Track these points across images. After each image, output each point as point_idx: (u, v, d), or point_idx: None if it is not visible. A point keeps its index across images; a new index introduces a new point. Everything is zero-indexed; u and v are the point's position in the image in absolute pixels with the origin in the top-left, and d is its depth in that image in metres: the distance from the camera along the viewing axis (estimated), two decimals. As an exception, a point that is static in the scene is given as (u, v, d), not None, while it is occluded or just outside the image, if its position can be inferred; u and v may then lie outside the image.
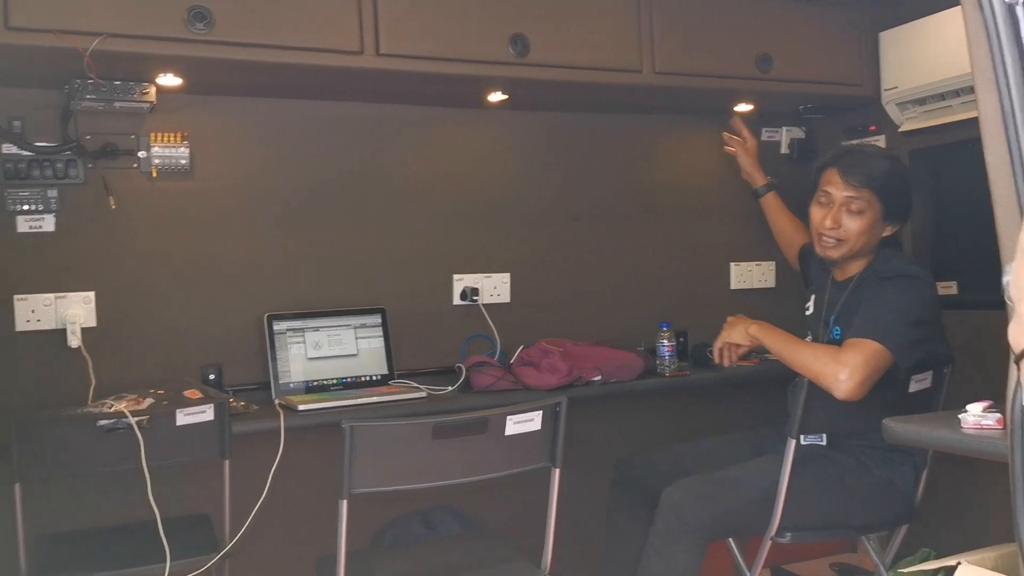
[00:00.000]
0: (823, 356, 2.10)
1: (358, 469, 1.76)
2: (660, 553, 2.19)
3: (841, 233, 2.26)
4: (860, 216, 2.25)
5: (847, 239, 2.26)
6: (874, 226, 2.26)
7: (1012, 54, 1.30)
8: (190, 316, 2.62)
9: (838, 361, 2.05)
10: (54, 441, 2.11)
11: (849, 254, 2.29)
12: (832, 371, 2.04)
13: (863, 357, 2.05)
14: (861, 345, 2.06)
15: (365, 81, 2.53)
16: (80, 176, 2.48)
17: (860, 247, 2.28)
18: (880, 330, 2.08)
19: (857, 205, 2.25)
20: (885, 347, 2.06)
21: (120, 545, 2.30)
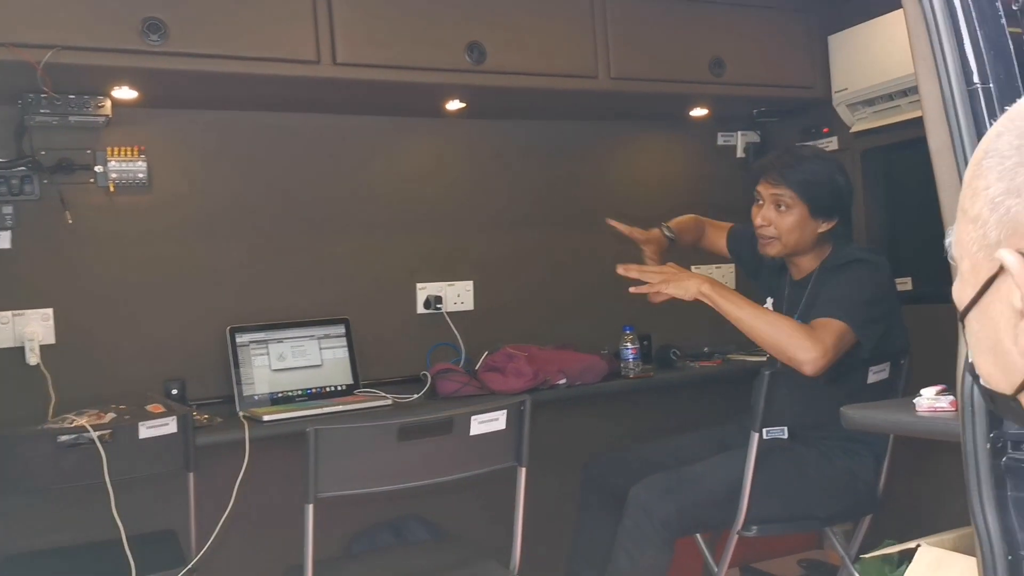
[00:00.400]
0: (793, 330, 2.10)
1: (324, 473, 1.76)
2: (629, 550, 2.20)
3: (771, 231, 2.31)
4: (788, 212, 2.29)
5: (779, 235, 2.30)
6: (804, 222, 2.29)
7: (950, 43, 1.35)
8: (151, 331, 2.60)
9: (812, 338, 2.07)
10: (14, 458, 2.08)
11: (786, 251, 2.33)
12: (807, 346, 2.05)
13: (832, 336, 2.08)
14: (829, 324, 2.10)
15: (323, 91, 2.54)
16: (36, 192, 2.45)
17: (794, 242, 2.31)
18: (842, 310, 2.12)
19: (782, 201, 2.29)
20: (848, 326, 2.10)
21: (84, 564, 2.27)
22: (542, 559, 2.64)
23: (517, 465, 1.99)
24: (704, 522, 2.28)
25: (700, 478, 2.25)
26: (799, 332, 2.09)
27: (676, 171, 3.38)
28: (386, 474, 1.83)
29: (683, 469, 2.30)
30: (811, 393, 2.22)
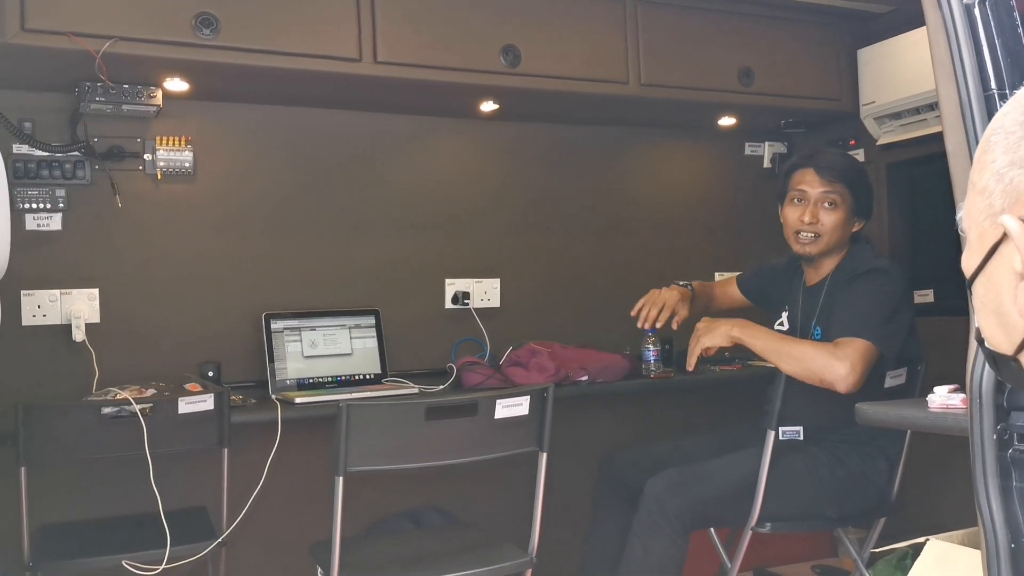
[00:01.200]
0: (821, 352, 2.17)
1: (353, 448, 1.84)
2: (643, 541, 2.26)
3: (819, 228, 2.36)
4: (834, 210, 2.36)
5: (824, 233, 2.37)
6: (847, 220, 2.38)
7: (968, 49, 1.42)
8: (190, 314, 2.71)
9: (838, 356, 2.12)
10: (59, 427, 2.18)
11: (826, 248, 2.39)
12: (836, 366, 2.11)
13: (859, 352, 2.13)
14: (854, 343, 2.15)
15: (363, 89, 2.64)
16: (87, 177, 2.57)
17: (835, 241, 2.38)
18: (865, 327, 2.17)
19: (831, 199, 2.36)
20: (871, 343, 2.15)
21: (121, 533, 2.36)
22: (557, 551, 2.70)
23: (538, 450, 2.06)
24: (717, 517, 2.34)
25: (714, 474, 2.31)
26: (827, 355, 2.14)
27: (703, 180, 3.45)
28: (413, 453, 1.91)
29: (698, 465, 2.35)
30: (827, 396, 2.27)
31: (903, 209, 3.20)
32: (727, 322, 2.34)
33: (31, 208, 2.51)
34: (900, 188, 3.19)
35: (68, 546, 2.30)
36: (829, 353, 2.15)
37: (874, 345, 2.16)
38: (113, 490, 2.51)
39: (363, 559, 2.09)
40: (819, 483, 2.32)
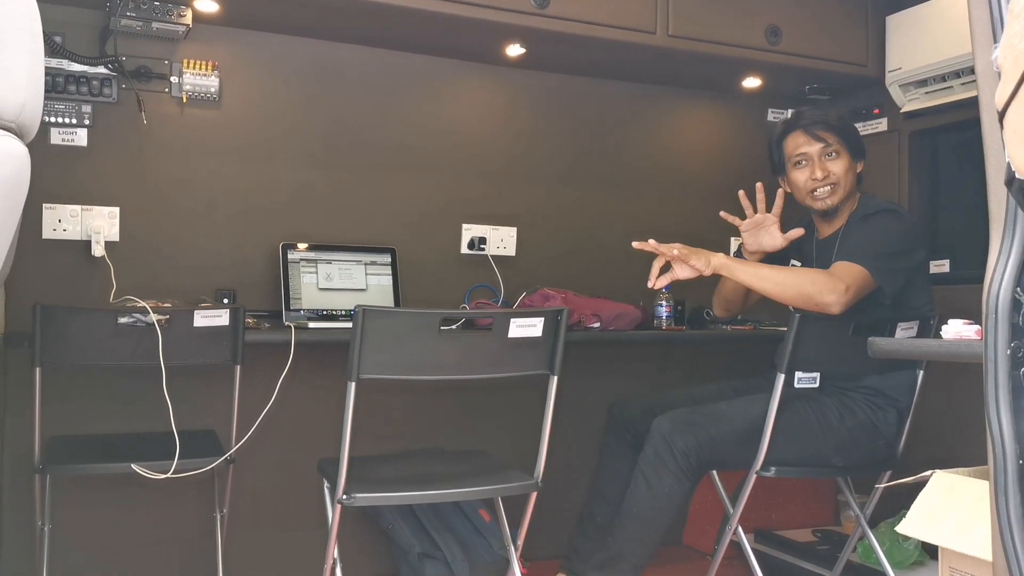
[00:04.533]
0: (813, 275, 2.22)
1: (367, 355, 1.85)
2: (648, 477, 2.27)
3: (832, 178, 2.42)
4: (838, 158, 2.44)
5: (838, 181, 2.42)
6: (851, 163, 2.46)
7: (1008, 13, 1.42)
8: (209, 240, 2.72)
9: (831, 278, 2.17)
10: (75, 331, 2.19)
11: (844, 195, 2.43)
12: (828, 286, 2.15)
13: (851, 276, 2.17)
14: (847, 266, 2.19)
15: (390, 24, 2.64)
16: (114, 95, 2.59)
17: (849, 185, 2.45)
18: (863, 256, 2.22)
19: (831, 150, 2.44)
20: (866, 270, 2.18)
21: (131, 444, 2.38)
22: (563, 489, 2.72)
23: (549, 373, 2.07)
24: (723, 458, 2.34)
25: (723, 415, 2.32)
26: (819, 276, 2.20)
27: (724, 142, 3.45)
28: (426, 364, 1.92)
29: (707, 406, 2.36)
30: (839, 343, 2.27)
31: (923, 178, 3.19)
32: (708, 252, 2.34)
33: (56, 122, 2.53)
34: (921, 157, 3.18)
35: (78, 452, 2.32)
36: (824, 277, 2.19)
37: (869, 273, 2.19)
38: (125, 407, 2.54)
39: (368, 475, 2.10)
40: (827, 430, 2.32)
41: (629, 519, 2.29)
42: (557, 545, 2.73)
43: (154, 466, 2.23)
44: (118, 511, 2.56)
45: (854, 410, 2.36)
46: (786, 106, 3.50)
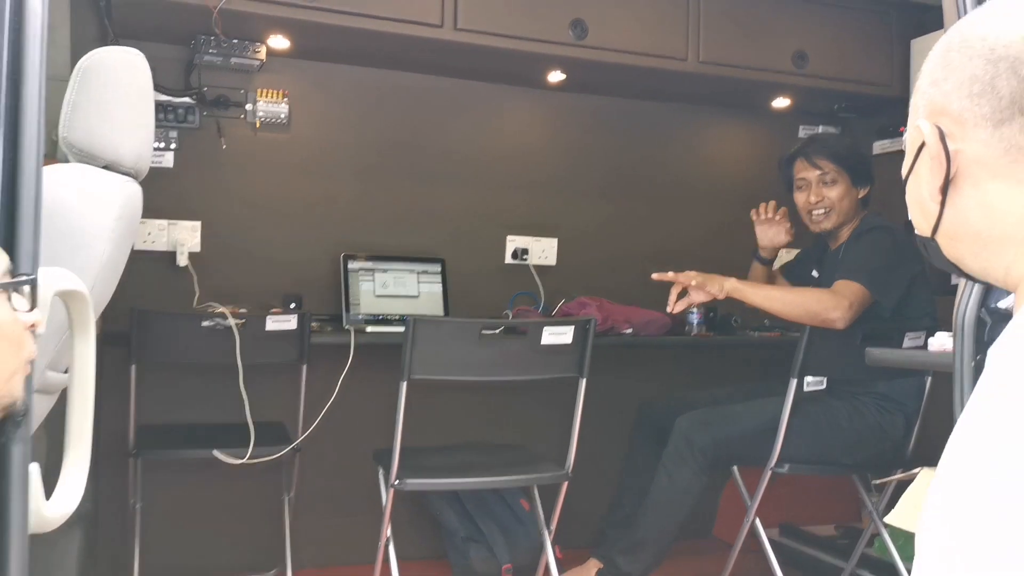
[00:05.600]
0: (816, 295, 2.44)
1: (417, 358, 2.12)
2: (669, 471, 2.51)
3: (825, 203, 2.64)
4: (835, 185, 2.65)
5: (832, 206, 2.65)
6: (849, 190, 2.66)
7: None
8: (279, 250, 3.02)
9: (833, 296, 2.39)
10: (165, 332, 2.52)
11: (839, 219, 2.65)
12: (832, 303, 2.38)
13: (853, 292, 2.39)
14: (847, 284, 2.41)
15: (443, 53, 2.91)
16: (196, 121, 2.91)
17: (846, 209, 2.66)
18: (860, 272, 2.43)
19: (829, 176, 2.65)
20: (863, 286, 2.39)
21: (211, 433, 2.68)
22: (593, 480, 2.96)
23: (578, 376, 2.31)
24: (739, 455, 2.56)
25: (739, 415, 2.54)
26: (823, 295, 2.43)
27: (755, 158, 3.63)
28: (468, 366, 2.19)
29: (725, 407, 2.59)
30: (849, 352, 2.47)
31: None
32: (721, 277, 2.59)
33: (148, 146, 2.85)
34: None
35: (166, 439, 2.64)
36: (827, 295, 2.40)
37: (865, 287, 2.41)
38: (206, 399, 2.83)
39: (418, 464, 2.37)
40: (837, 431, 2.52)
41: (652, 509, 2.53)
42: (590, 532, 2.96)
43: (232, 452, 2.54)
44: (199, 491, 2.87)
45: (863, 413, 2.55)
46: (817, 123, 3.68)
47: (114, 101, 1.47)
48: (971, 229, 0.86)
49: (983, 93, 0.81)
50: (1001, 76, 0.80)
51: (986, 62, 0.81)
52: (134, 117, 1.52)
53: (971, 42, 0.83)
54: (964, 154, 0.84)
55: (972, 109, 0.82)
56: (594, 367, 2.45)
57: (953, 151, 0.84)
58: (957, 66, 0.84)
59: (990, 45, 0.81)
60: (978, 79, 0.82)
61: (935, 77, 0.87)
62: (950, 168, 0.85)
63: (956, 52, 0.85)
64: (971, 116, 0.82)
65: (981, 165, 0.83)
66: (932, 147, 0.86)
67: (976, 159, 0.83)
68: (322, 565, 2.96)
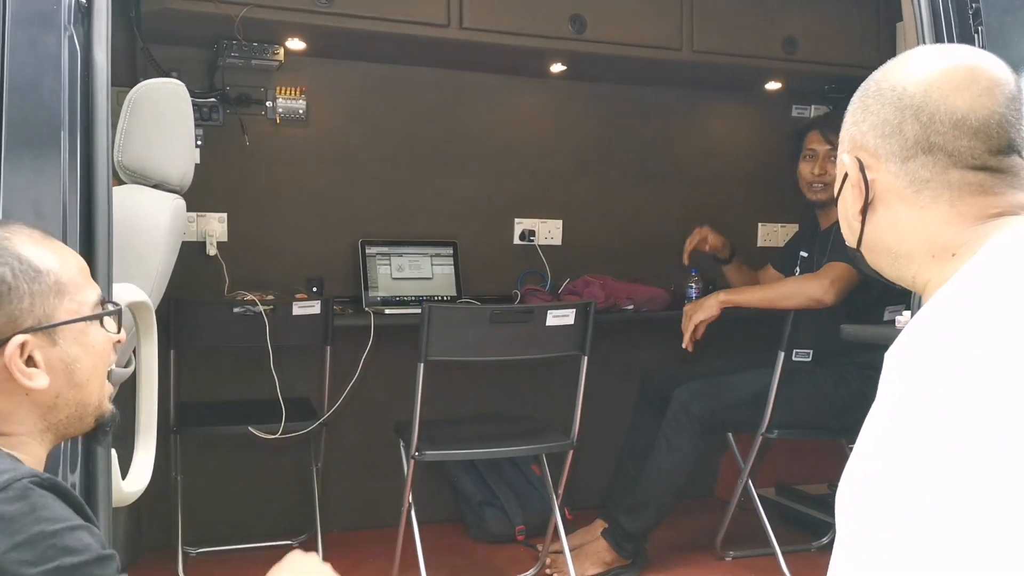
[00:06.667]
0: (800, 281, 2.65)
1: (433, 341, 2.33)
2: (668, 438, 2.73)
3: (827, 178, 2.79)
4: None
5: (832, 182, 2.77)
6: None
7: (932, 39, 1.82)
8: (301, 238, 3.22)
9: (815, 278, 2.58)
10: (200, 319, 2.74)
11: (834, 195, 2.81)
12: (814, 285, 2.58)
13: (833, 272, 2.59)
14: (831, 265, 2.59)
15: (450, 50, 3.08)
16: (220, 119, 3.10)
17: None
18: (842, 252, 2.58)
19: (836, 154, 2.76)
20: (845, 264, 2.57)
21: (245, 410, 2.90)
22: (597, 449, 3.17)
23: (581, 354, 2.51)
24: (733, 422, 2.77)
25: (733, 385, 2.75)
26: (803, 280, 2.64)
27: (751, 137, 3.80)
28: (480, 347, 2.39)
29: (720, 377, 2.79)
30: (833, 326, 2.66)
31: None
32: (711, 295, 2.82)
33: (176, 144, 3.05)
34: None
35: (204, 416, 2.87)
36: (808, 279, 2.60)
37: (849, 266, 2.59)
38: (239, 379, 3.04)
39: (436, 436, 2.59)
40: (823, 398, 2.73)
41: (653, 473, 2.75)
42: (597, 495, 3.18)
43: (265, 428, 2.77)
44: (234, 463, 3.10)
45: (847, 381, 2.75)
46: (809, 102, 3.83)
47: (161, 127, 1.67)
48: (885, 244, 1.05)
49: (892, 134, 1.00)
50: (907, 121, 0.99)
51: (895, 109, 1.00)
52: (179, 140, 1.72)
53: (883, 91, 1.02)
54: (879, 182, 1.03)
55: (884, 147, 1.01)
56: (598, 342, 2.66)
57: (871, 179, 1.03)
58: (873, 110, 1.02)
59: (898, 95, 1.00)
60: (888, 123, 1.00)
61: (856, 118, 1.06)
62: (868, 193, 1.04)
63: (872, 99, 1.03)
64: (883, 152, 1.01)
65: (892, 192, 1.02)
66: (853, 176, 1.05)
67: (888, 187, 1.02)
68: (349, 529, 3.19)
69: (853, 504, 0.88)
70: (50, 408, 1.02)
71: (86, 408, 1.06)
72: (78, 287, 1.05)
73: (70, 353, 1.02)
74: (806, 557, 2.94)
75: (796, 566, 2.75)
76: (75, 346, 1.03)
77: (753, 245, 3.85)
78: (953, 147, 0.96)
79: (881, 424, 0.89)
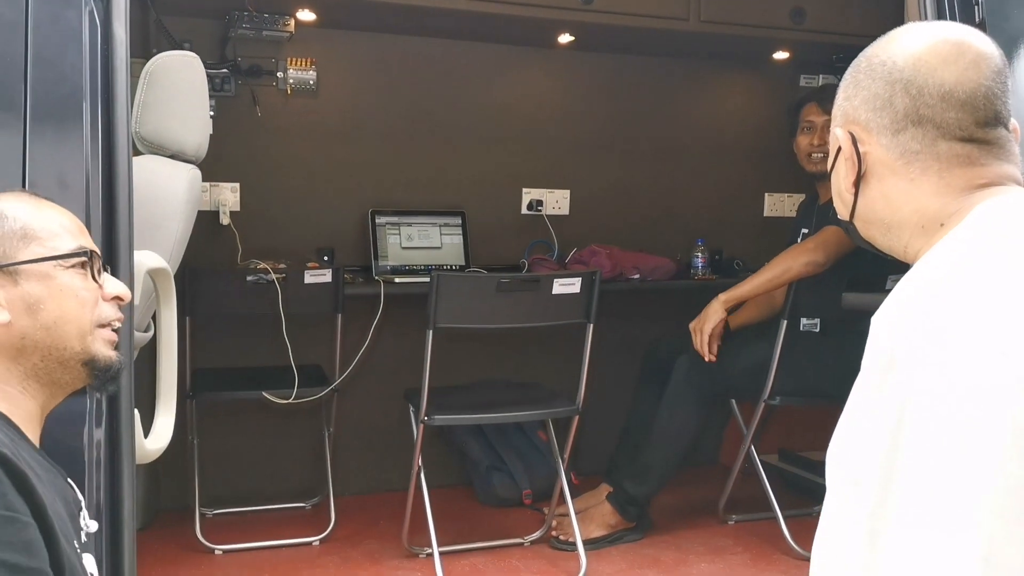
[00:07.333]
0: (793, 251, 2.68)
1: (441, 309, 2.38)
2: (671, 406, 2.79)
3: (826, 148, 2.79)
4: None
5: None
6: None
7: None
8: (312, 207, 3.27)
9: (804, 246, 2.63)
10: (215, 287, 2.80)
11: None
12: (799, 252, 2.62)
13: (824, 236, 2.63)
14: (823, 231, 2.63)
15: (459, 21, 3.11)
16: (232, 90, 3.14)
17: None
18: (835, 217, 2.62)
19: None
20: (838, 228, 2.60)
21: (259, 376, 2.97)
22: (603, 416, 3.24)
23: (586, 322, 2.57)
24: (735, 390, 2.83)
25: (734, 355, 2.79)
26: (794, 250, 2.68)
27: (758, 108, 3.81)
28: (487, 315, 2.45)
29: (723, 345, 2.83)
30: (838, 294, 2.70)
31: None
32: (712, 301, 2.82)
33: (189, 115, 3.09)
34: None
35: (218, 382, 2.94)
36: (800, 248, 2.63)
37: (841, 230, 2.61)
38: (252, 346, 3.11)
39: (445, 401, 2.66)
40: (824, 367, 2.76)
41: (656, 440, 2.81)
42: (603, 460, 3.24)
43: (278, 394, 2.84)
44: (248, 428, 3.18)
45: (850, 348, 2.76)
46: (817, 72, 3.84)
47: (177, 99, 1.72)
48: (877, 216, 1.09)
49: (883, 108, 1.03)
50: (897, 95, 1.02)
51: (885, 83, 1.03)
52: (194, 111, 1.76)
53: (874, 66, 1.05)
54: (871, 155, 1.06)
55: (875, 120, 1.04)
56: (605, 311, 2.71)
57: (863, 152, 1.07)
58: (864, 85, 1.06)
59: (888, 69, 1.03)
60: (879, 96, 1.04)
61: (848, 93, 1.10)
62: (860, 166, 1.08)
63: (863, 74, 1.07)
64: (875, 125, 1.04)
65: (883, 165, 1.05)
66: (846, 149, 1.09)
67: (879, 160, 1.06)
68: (360, 492, 3.27)
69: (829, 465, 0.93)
70: (19, 351, 1.05)
71: (62, 353, 1.07)
72: (51, 235, 1.08)
73: (32, 293, 1.05)
74: (807, 521, 3.00)
75: (797, 530, 2.81)
76: (39, 287, 1.05)
77: (760, 215, 3.89)
78: (941, 119, 1.00)
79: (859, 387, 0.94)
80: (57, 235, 1.08)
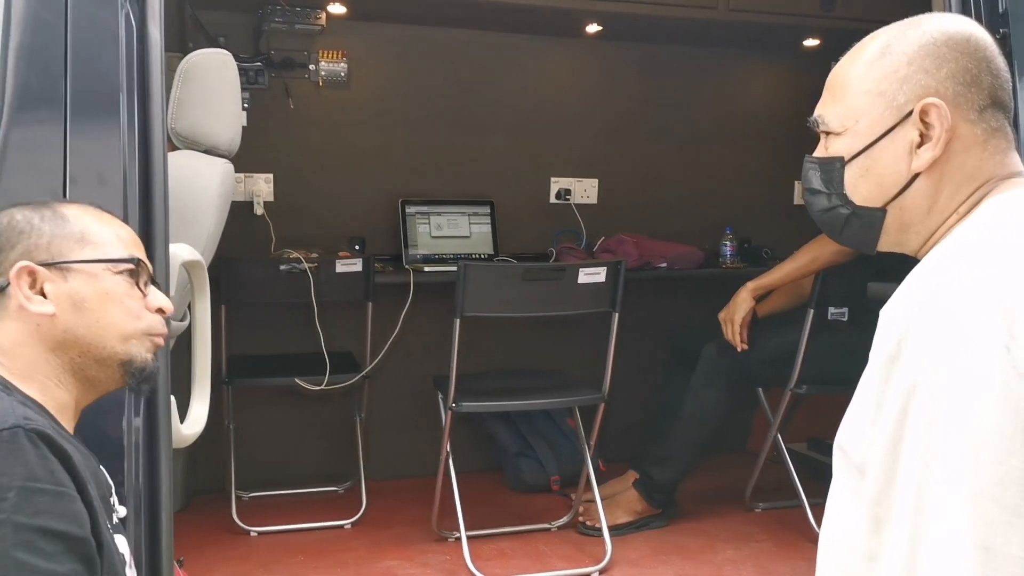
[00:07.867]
0: (814, 244, 2.68)
1: (469, 298, 2.43)
2: (697, 392, 2.81)
3: None
4: None
5: None
6: None
7: None
8: (343, 197, 3.33)
9: None
10: (249, 276, 2.88)
11: None
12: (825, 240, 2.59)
13: None
14: None
15: (488, 11, 3.15)
16: (265, 83, 3.20)
17: None
18: None
19: None
20: None
21: (292, 363, 3.04)
22: (629, 403, 3.27)
23: (611, 311, 2.59)
24: (760, 377, 2.84)
25: (760, 342, 2.80)
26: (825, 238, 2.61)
27: (788, 96, 3.78)
28: (513, 304, 2.49)
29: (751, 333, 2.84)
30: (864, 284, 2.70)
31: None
32: (739, 290, 2.83)
33: (223, 107, 3.16)
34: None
35: (253, 368, 3.02)
36: (820, 238, 2.61)
37: None
38: (285, 334, 3.17)
39: (473, 388, 2.70)
40: (850, 356, 2.74)
41: (681, 427, 2.83)
42: (631, 447, 3.28)
43: (311, 380, 2.90)
44: (282, 413, 3.26)
45: (874, 338, 2.79)
46: (849, 59, 3.80)
47: (211, 96, 1.77)
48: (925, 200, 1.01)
49: (972, 83, 0.99)
50: (984, 72, 1.01)
51: (972, 59, 0.99)
52: (227, 107, 1.82)
53: (957, 40, 1.00)
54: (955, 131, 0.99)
55: (965, 95, 0.99)
56: (632, 299, 2.73)
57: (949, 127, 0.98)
58: (949, 59, 0.99)
59: (974, 45, 1.00)
60: (969, 71, 0.99)
61: (925, 66, 1.00)
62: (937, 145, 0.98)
63: (945, 47, 1.00)
64: (964, 101, 0.99)
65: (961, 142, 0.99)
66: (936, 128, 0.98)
67: (958, 137, 0.99)
68: (390, 477, 3.33)
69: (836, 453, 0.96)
70: (60, 343, 1.09)
71: (101, 351, 1.11)
72: (105, 241, 1.14)
73: (78, 291, 1.10)
74: (833, 509, 3.01)
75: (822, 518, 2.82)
76: (85, 286, 1.10)
77: (789, 203, 3.87)
78: (1005, 101, 1.01)
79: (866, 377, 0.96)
80: (111, 243, 1.14)
